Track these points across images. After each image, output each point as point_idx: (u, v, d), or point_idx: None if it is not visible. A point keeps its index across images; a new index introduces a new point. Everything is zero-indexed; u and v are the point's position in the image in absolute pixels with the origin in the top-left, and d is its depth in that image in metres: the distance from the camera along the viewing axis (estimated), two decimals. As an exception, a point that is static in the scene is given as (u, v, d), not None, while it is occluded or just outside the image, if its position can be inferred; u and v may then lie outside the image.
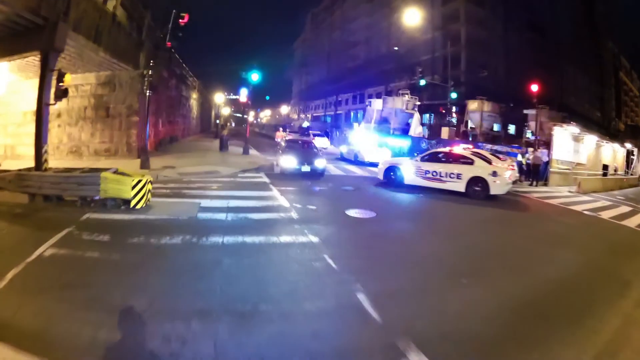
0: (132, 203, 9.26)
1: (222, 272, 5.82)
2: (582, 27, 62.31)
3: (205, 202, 10.41)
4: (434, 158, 15.11)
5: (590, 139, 24.81)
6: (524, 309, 5.22)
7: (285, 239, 7.63)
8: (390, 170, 15.54)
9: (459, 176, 14.22)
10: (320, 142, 32.66)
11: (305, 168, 15.93)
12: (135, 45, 19.65)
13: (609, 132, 47.54)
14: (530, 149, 25.36)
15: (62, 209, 9.21)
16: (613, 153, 29.33)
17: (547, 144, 27.68)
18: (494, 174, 13.77)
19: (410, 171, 15.06)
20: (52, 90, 12.53)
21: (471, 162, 14.36)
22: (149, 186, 9.70)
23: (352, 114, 69.56)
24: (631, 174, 30.77)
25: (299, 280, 5.65)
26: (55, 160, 18.91)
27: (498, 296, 5.59)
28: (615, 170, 29.24)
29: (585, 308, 5.40)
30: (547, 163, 21.45)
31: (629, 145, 34.17)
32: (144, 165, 15.80)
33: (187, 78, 37.92)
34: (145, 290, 5.08)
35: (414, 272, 6.40)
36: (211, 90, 52.33)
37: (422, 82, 27.18)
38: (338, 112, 74.34)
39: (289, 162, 16.10)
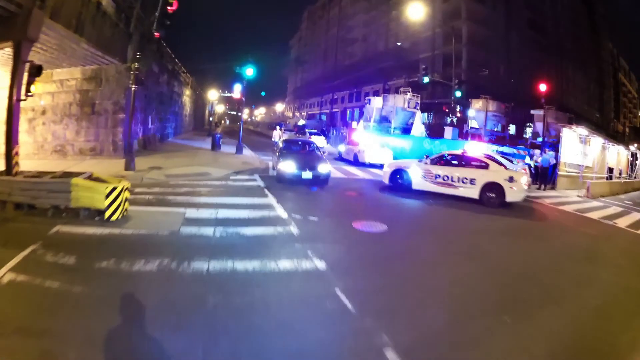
0: (106, 214, 8.01)
1: (205, 318, 4.53)
2: (582, 27, 61.64)
3: (190, 212, 9.11)
4: (445, 161, 13.95)
5: (597, 142, 23.92)
6: (577, 351, 4.56)
7: (285, 264, 6.27)
8: (397, 173, 14.34)
9: (472, 181, 13.14)
10: (317, 141, 31.38)
11: (307, 174, 13.61)
12: (123, 37, 18.31)
13: (609, 134, 46.69)
14: (536, 151, 24.47)
15: (32, 219, 8.04)
16: (617, 156, 28.46)
17: (553, 146, 26.80)
18: (511, 179, 12.73)
19: (418, 175, 13.89)
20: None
21: (486, 166, 13.30)
22: (126, 194, 8.42)
23: (348, 112, 68.83)
24: (635, 177, 29.90)
25: (308, 332, 4.37)
26: (39, 160, 17.73)
27: (548, 337, 4.73)
28: (620, 174, 28.41)
29: (635, 343, 4.92)
30: (555, 166, 20.59)
31: (633, 148, 33.23)
32: (128, 166, 14.49)
33: (180, 74, 36.55)
34: (106, 345, 3.88)
35: (445, 308, 5.24)
36: (205, 88, 50.98)
37: (426, 80, 26.00)
38: (334, 110, 73.48)
39: (287, 166, 13.75)
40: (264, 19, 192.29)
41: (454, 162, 13.83)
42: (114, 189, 7.98)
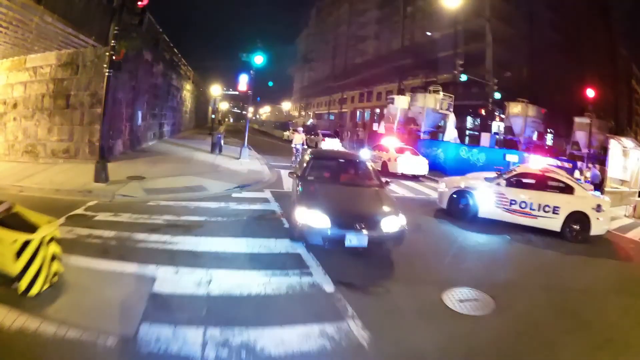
0: (22, 286, 4.44)
1: None
2: (598, 32, 58.35)
3: (164, 279, 5.38)
4: (520, 182, 10.52)
5: (636, 154, 20.94)
6: None
7: None
8: (459, 196, 10.82)
9: (555, 210, 9.94)
10: (331, 144, 27.91)
11: (356, 238, 6.51)
12: (103, 12, 14.82)
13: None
14: (580, 163, 21.60)
15: None
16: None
17: (595, 157, 24.09)
18: (598, 208, 9.85)
19: (488, 199, 10.40)
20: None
21: (569, 190, 10.16)
22: (54, 248, 4.81)
23: (358, 112, 65.60)
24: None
25: None
26: (7, 163, 14.35)
27: None
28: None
29: None
30: (602, 181, 18.63)
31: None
32: (99, 176, 10.88)
33: (180, 66, 33.00)
34: None
35: None
36: (208, 83, 47.71)
37: (463, 77, 22.58)
38: (343, 110, 70.30)
39: (314, 220, 6.65)
40: (269, 15, 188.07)
41: (532, 183, 10.47)
42: (26, 244, 4.35)
